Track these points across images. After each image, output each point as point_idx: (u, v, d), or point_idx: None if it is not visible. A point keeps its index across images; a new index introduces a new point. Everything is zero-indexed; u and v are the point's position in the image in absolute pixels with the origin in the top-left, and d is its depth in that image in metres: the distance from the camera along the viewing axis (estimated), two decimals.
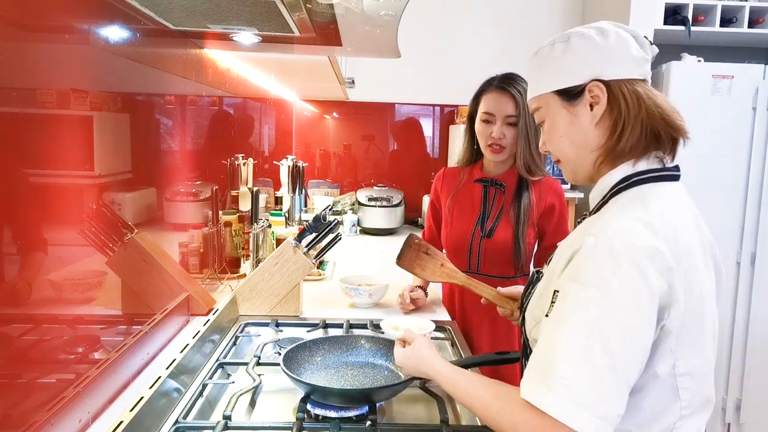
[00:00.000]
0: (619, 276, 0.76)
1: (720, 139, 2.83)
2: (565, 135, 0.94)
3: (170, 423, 1.02)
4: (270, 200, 2.94)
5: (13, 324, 0.83)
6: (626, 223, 0.80)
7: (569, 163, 0.97)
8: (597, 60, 0.90)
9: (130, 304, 1.20)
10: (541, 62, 0.96)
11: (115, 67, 1.19)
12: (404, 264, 1.43)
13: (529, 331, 0.95)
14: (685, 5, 2.98)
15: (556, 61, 0.93)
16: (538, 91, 0.97)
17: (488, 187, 1.77)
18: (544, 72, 0.95)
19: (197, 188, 1.77)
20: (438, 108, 3.74)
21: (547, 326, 0.81)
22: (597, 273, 0.77)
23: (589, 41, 0.91)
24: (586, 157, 0.94)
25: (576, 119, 0.92)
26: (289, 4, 1.17)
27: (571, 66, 0.92)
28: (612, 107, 0.90)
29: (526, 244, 1.71)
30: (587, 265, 0.79)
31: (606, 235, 0.79)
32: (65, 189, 0.98)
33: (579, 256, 0.80)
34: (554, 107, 0.94)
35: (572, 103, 0.92)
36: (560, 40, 0.94)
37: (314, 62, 2.08)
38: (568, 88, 0.92)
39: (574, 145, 0.94)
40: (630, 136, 0.88)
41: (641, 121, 0.88)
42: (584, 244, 0.80)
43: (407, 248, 1.44)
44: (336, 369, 1.25)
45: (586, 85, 0.90)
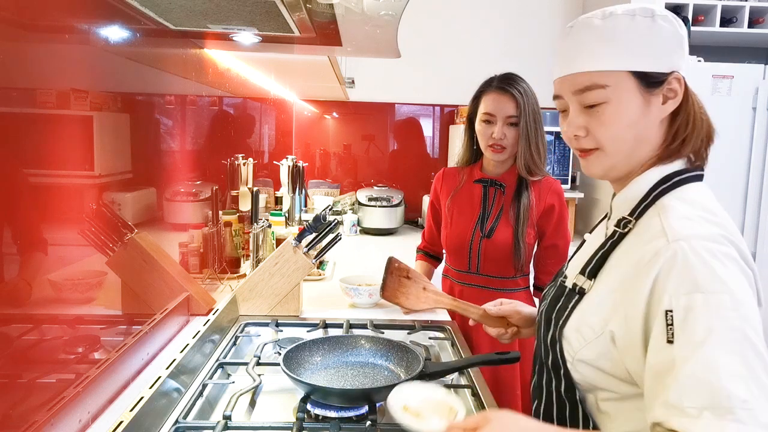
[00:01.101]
0: (732, 276, 0.71)
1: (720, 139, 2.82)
2: (632, 125, 0.83)
3: (170, 423, 1.02)
4: (270, 200, 2.94)
5: (13, 324, 0.83)
6: (702, 226, 0.75)
7: (615, 156, 0.85)
8: (678, 51, 0.82)
9: (130, 304, 1.20)
10: (615, 33, 0.82)
11: (115, 67, 1.19)
12: (388, 295, 1.36)
13: (576, 352, 0.84)
14: (685, 5, 2.98)
15: (640, 37, 0.81)
16: (611, 66, 0.82)
17: (488, 188, 1.77)
18: (622, 46, 0.81)
19: (197, 188, 1.77)
20: (438, 108, 3.74)
21: (685, 350, 0.68)
22: (715, 277, 0.70)
23: (672, 26, 0.82)
24: (640, 154, 0.85)
25: (648, 110, 0.82)
26: (289, 4, 1.17)
27: (656, 48, 0.81)
28: (680, 108, 0.84)
29: (525, 244, 1.71)
30: (698, 272, 0.71)
31: (694, 238, 0.73)
32: (65, 189, 0.98)
33: (680, 266, 0.72)
34: (628, 90, 0.82)
35: (650, 90, 0.82)
36: (641, 14, 0.82)
37: (314, 62, 2.08)
38: (650, 72, 0.81)
39: (637, 138, 0.83)
40: (695, 141, 0.84)
41: (702, 125, 0.84)
42: (678, 252, 0.72)
43: (389, 276, 1.36)
44: (336, 369, 1.25)
45: (669, 75, 0.82)
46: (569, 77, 0.85)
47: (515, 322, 1.20)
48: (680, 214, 0.78)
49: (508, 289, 1.75)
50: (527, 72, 1.76)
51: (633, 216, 0.83)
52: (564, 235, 1.77)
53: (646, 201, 0.83)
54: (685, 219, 0.76)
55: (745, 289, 0.71)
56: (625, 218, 0.84)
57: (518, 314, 1.19)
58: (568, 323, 0.85)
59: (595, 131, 0.84)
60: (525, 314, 1.19)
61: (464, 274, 1.79)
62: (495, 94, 1.68)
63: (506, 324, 1.20)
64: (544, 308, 0.94)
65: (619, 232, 0.84)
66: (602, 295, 0.82)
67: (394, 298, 1.34)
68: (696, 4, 2.98)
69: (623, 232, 0.83)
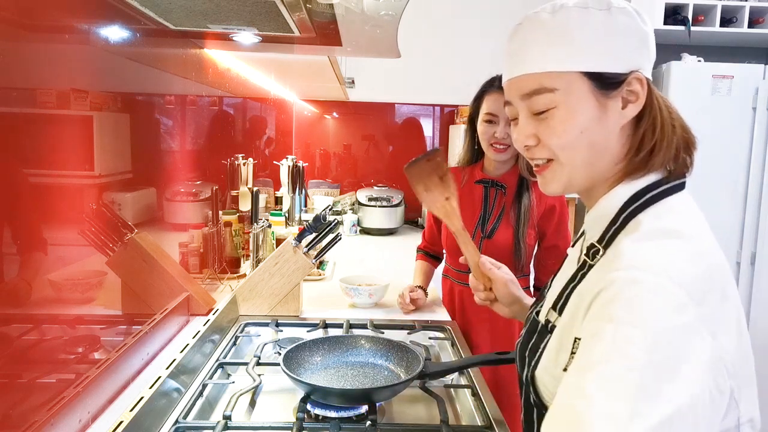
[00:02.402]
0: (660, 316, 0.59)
1: (720, 139, 2.83)
2: (586, 132, 0.72)
3: (170, 423, 1.02)
4: (270, 200, 2.94)
5: (13, 324, 0.83)
6: (661, 256, 0.64)
7: (570, 168, 0.75)
8: (639, 48, 0.72)
9: (130, 304, 1.20)
10: (565, 28, 0.71)
11: (115, 67, 1.19)
12: (412, 174, 1.17)
13: (551, 396, 0.73)
14: (685, 5, 2.98)
15: (594, 32, 0.70)
16: (561, 66, 0.71)
17: (489, 188, 1.77)
18: (573, 43, 0.71)
19: (197, 188, 1.77)
20: (438, 108, 3.74)
21: (569, 377, 0.61)
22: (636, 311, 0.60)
23: (632, 20, 0.72)
24: (601, 166, 0.74)
25: (604, 115, 0.72)
26: (289, 4, 1.17)
27: (613, 45, 0.71)
28: (643, 112, 0.73)
29: (526, 245, 1.72)
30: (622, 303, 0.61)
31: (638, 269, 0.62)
32: (65, 189, 0.98)
33: (608, 296, 0.62)
34: (580, 92, 0.71)
35: (606, 93, 0.71)
36: (596, 6, 0.71)
37: (314, 62, 2.08)
38: (606, 73, 0.71)
39: (593, 147, 0.73)
40: (665, 153, 0.72)
41: (672, 133, 0.73)
42: (615, 282, 0.62)
43: (425, 161, 1.17)
44: (336, 369, 1.25)
45: (628, 76, 0.71)
46: (516, 80, 0.76)
47: (496, 292, 1.07)
48: (639, 242, 0.67)
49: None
50: None
51: (602, 243, 0.73)
52: (565, 236, 1.77)
53: (616, 224, 0.72)
54: (641, 247, 0.66)
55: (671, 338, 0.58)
56: (594, 246, 0.74)
57: (503, 287, 1.06)
58: (540, 364, 0.77)
59: (546, 140, 0.74)
60: (509, 291, 1.06)
61: (464, 274, 1.78)
62: (497, 95, 1.68)
63: (490, 286, 1.08)
64: (519, 343, 0.85)
65: (588, 263, 0.73)
66: (563, 332, 0.73)
67: (416, 182, 1.17)
68: (696, 4, 2.98)
69: (592, 263, 0.73)
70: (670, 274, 0.61)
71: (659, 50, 0.79)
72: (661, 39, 2.96)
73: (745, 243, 2.91)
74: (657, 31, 2.90)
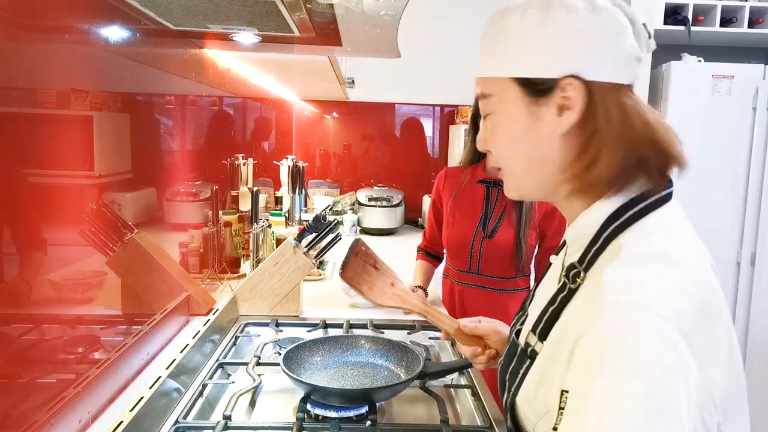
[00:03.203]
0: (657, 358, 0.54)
1: (720, 139, 2.83)
2: (518, 140, 0.70)
3: (170, 423, 1.02)
4: (270, 200, 2.94)
5: (13, 324, 0.83)
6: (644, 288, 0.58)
7: (515, 176, 0.73)
8: (581, 48, 0.66)
9: (130, 304, 1.20)
10: (503, 32, 0.69)
11: (115, 67, 1.19)
12: (348, 277, 1.12)
13: (534, 425, 0.69)
14: (685, 5, 2.98)
15: (525, 35, 0.67)
16: (492, 72, 0.71)
17: (491, 188, 1.78)
18: (506, 47, 0.69)
19: (197, 188, 1.77)
20: (438, 108, 3.74)
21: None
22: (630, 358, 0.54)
23: (574, 17, 0.66)
24: (544, 179, 0.71)
25: (537, 124, 0.69)
26: (289, 4, 1.17)
27: (545, 48, 0.67)
28: (587, 119, 0.66)
29: (527, 245, 1.72)
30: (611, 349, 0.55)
31: (624, 305, 0.57)
32: (65, 189, 0.98)
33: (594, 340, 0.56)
34: (510, 99, 0.69)
35: (536, 101, 0.68)
36: (537, 6, 0.67)
37: (314, 62, 2.08)
38: (534, 78, 0.67)
39: (525, 157, 0.70)
40: (607, 163, 0.65)
41: (624, 145, 0.65)
42: (600, 322, 0.57)
43: (353, 256, 1.16)
44: (336, 369, 1.25)
45: (560, 81, 0.66)
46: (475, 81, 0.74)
47: (494, 345, 1.00)
48: (622, 270, 0.61)
49: (508, 289, 1.76)
50: None
51: (583, 264, 0.67)
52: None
53: (596, 245, 0.66)
54: (625, 277, 0.60)
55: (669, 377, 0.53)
56: (574, 266, 0.67)
57: (497, 335, 0.99)
58: (520, 392, 0.72)
59: (490, 145, 0.74)
60: (505, 336, 0.99)
61: (465, 273, 1.79)
62: None
63: (484, 344, 1.00)
64: (500, 365, 0.80)
65: (569, 286, 0.68)
66: (546, 365, 0.67)
67: (356, 283, 1.13)
68: (696, 4, 2.97)
69: (573, 287, 0.67)
70: (658, 310, 0.56)
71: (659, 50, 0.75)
72: (661, 39, 2.97)
73: (745, 243, 2.91)
74: (657, 31, 2.92)
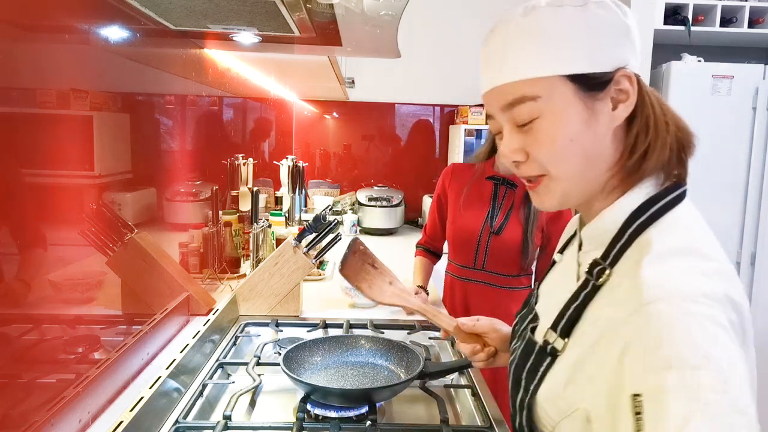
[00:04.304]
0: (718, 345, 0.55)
1: (720, 139, 2.83)
2: (576, 140, 0.66)
3: (170, 423, 1.02)
4: (270, 200, 2.94)
5: (13, 324, 0.83)
6: (685, 279, 0.59)
7: (565, 181, 0.69)
8: (622, 42, 0.66)
9: (130, 304, 1.20)
10: (541, 29, 0.66)
11: (115, 67, 1.19)
12: (347, 274, 1.16)
13: (556, 423, 0.69)
14: (685, 5, 2.98)
15: (572, 31, 0.65)
16: (540, 72, 0.66)
17: (499, 186, 1.78)
18: (550, 44, 0.65)
19: (197, 188, 1.77)
20: (438, 108, 3.74)
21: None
22: (694, 349, 0.54)
23: (612, 14, 0.66)
24: (596, 175, 0.69)
25: (593, 119, 0.66)
26: (289, 4, 1.17)
27: (594, 42, 0.65)
28: (637, 112, 0.67)
29: (534, 244, 1.73)
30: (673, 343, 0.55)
31: (671, 298, 0.58)
32: (65, 189, 0.98)
33: (651, 336, 0.56)
34: (564, 98, 0.66)
35: (593, 96, 0.66)
36: (570, 2, 0.65)
37: (314, 62, 2.08)
38: (590, 73, 0.65)
39: (586, 155, 0.67)
40: (660, 154, 0.66)
41: (668, 132, 0.67)
42: (651, 318, 0.57)
43: (351, 254, 1.18)
44: (336, 369, 1.25)
45: (614, 74, 0.65)
46: (495, 91, 0.70)
47: (492, 342, 1.00)
48: (658, 265, 0.61)
49: (511, 287, 1.76)
50: None
51: (607, 260, 0.67)
52: None
53: (622, 240, 0.67)
54: (663, 271, 0.61)
55: (734, 361, 0.55)
56: (598, 263, 0.67)
57: (495, 333, 1.00)
58: (540, 390, 0.71)
59: (535, 153, 0.68)
60: (503, 334, 1.00)
61: (468, 270, 1.79)
62: None
63: (482, 342, 1.01)
64: (513, 363, 0.79)
65: (592, 283, 0.67)
66: (576, 363, 0.67)
67: (354, 279, 1.15)
68: (696, 4, 2.98)
69: (597, 284, 0.67)
70: (703, 300, 0.57)
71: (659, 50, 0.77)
72: (661, 39, 2.97)
73: (745, 243, 2.91)
74: (657, 31, 2.92)
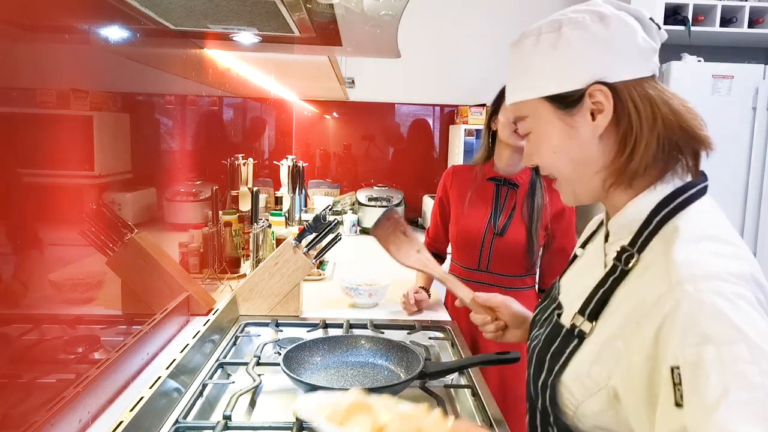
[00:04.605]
0: (749, 320, 0.60)
1: (720, 139, 2.81)
2: (560, 150, 0.77)
3: (170, 423, 1.02)
4: (270, 200, 2.94)
5: (13, 324, 0.83)
6: (712, 261, 0.65)
7: (568, 183, 0.79)
8: (598, 56, 0.73)
9: (130, 304, 1.20)
10: (523, 58, 0.78)
11: (115, 67, 1.19)
12: (379, 235, 1.24)
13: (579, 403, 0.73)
14: (685, 5, 2.98)
15: (545, 57, 0.75)
16: (522, 96, 0.78)
17: (500, 186, 1.78)
18: (529, 72, 0.77)
19: (197, 188, 1.77)
20: (438, 108, 3.74)
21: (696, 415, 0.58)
22: (727, 324, 0.59)
23: (586, 32, 0.73)
24: (590, 179, 0.77)
25: (574, 132, 0.75)
26: (289, 4, 1.17)
27: (564, 65, 0.74)
28: (620, 117, 0.73)
29: (538, 243, 1.72)
30: (707, 319, 0.60)
31: (702, 279, 0.62)
32: (65, 189, 0.98)
33: (685, 314, 0.61)
34: (545, 117, 0.76)
35: (569, 113, 0.75)
36: (548, 29, 0.75)
37: (314, 62, 2.08)
38: (562, 93, 0.74)
39: (571, 163, 0.77)
40: (644, 153, 0.72)
41: (657, 135, 0.72)
42: (683, 298, 0.62)
43: (385, 220, 1.25)
44: (336, 369, 1.25)
45: (586, 90, 0.73)
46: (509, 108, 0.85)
47: (503, 317, 1.07)
48: (687, 248, 0.67)
49: (516, 287, 1.76)
50: None
51: (635, 247, 0.72)
52: (572, 238, 1.78)
53: (649, 228, 0.72)
54: (692, 254, 0.66)
55: (766, 334, 0.59)
56: (626, 250, 0.73)
57: (507, 309, 1.07)
58: (566, 370, 0.75)
59: (536, 159, 0.81)
60: (514, 310, 1.07)
61: (473, 271, 1.79)
62: None
63: (495, 316, 1.08)
64: (536, 347, 0.83)
65: (621, 268, 0.72)
66: (604, 343, 0.71)
67: (385, 242, 1.24)
68: (696, 4, 2.98)
69: (626, 269, 0.72)
70: (732, 278, 0.62)
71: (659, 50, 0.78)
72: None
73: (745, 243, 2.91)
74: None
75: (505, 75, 0.83)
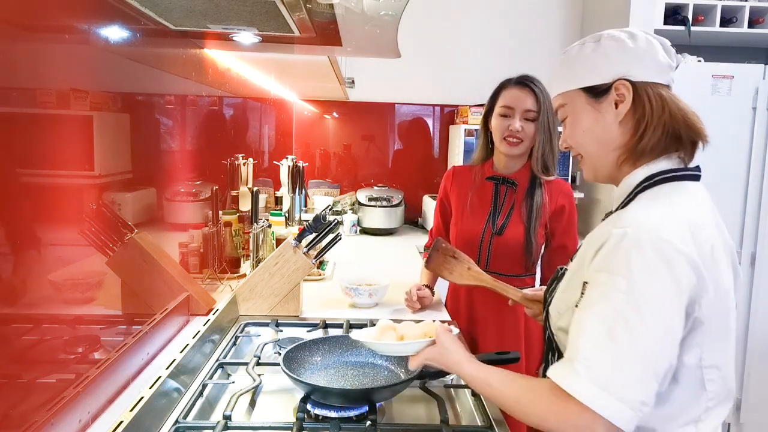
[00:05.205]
0: (645, 267, 0.79)
1: (720, 139, 2.82)
2: (588, 131, 0.97)
3: (170, 423, 1.02)
4: (270, 200, 2.94)
5: (12, 324, 0.83)
6: (653, 217, 0.84)
7: (590, 159, 1.00)
8: (625, 60, 0.94)
9: (130, 304, 1.20)
10: (569, 60, 0.99)
11: (115, 67, 1.19)
12: (432, 267, 1.48)
13: (554, 324, 0.99)
14: (685, 5, 2.98)
15: (585, 59, 0.97)
16: (565, 88, 0.99)
17: (499, 185, 1.78)
18: (572, 70, 0.98)
19: (197, 188, 1.77)
20: (438, 108, 3.74)
21: (576, 315, 0.84)
22: (624, 263, 0.80)
23: (619, 42, 0.94)
24: (608, 155, 0.97)
25: (601, 117, 0.96)
26: (289, 4, 1.17)
27: (599, 64, 0.95)
28: (636, 107, 0.93)
29: (537, 242, 1.72)
30: (614, 255, 0.81)
31: (633, 227, 0.82)
32: (65, 189, 0.98)
33: (606, 248, 0.83)
34: (579, 104, 0.97)
35: (598, 101, 0.95)
36: (591, 40, 0.97)
37: (314, 62, 2.08)
38: (594, 85, 0.95)
39: (596, 141, 0.97)
40: (652, 135, 0.91)
41: (663, 123, 0.91)
42: (612, 236, 0.83)
43: (435, 252, 1.48)
44: (336, 369, 1.25)
45: (613, 84, 0.94)
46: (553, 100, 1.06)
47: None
48: (638, 207, 0.88)
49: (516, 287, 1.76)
50: (527, 72, 1.76)
51: (618, 208, 0.94)
52: (573, 237, 1.77)
53: (628, 197, 0.93)
54: (639, 212, 0.86)
55: (655, 284, 0.78)
56: (611, 212, 0.97)
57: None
58: (553, 300, 1.01)
59: (569, 141, 1.01)
60: None
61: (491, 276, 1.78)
62: (515, 90, 1.70)
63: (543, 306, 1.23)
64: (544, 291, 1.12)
65: (600, 222, 0.97)
66: (570, 275, 0.97)
67: (439, 271, 1.48)
68: (696, 4, 2.97)
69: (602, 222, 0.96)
70: (659, 233, 0.80)
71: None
72: None
73: (745, 243, 2.91)
74: (657, 31, 2.92)
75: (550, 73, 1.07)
